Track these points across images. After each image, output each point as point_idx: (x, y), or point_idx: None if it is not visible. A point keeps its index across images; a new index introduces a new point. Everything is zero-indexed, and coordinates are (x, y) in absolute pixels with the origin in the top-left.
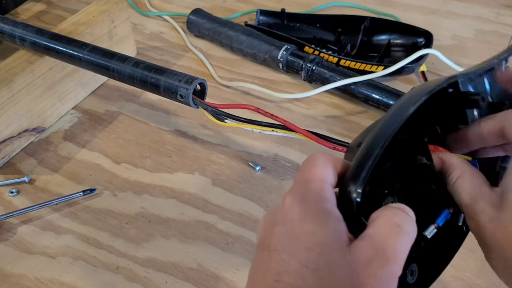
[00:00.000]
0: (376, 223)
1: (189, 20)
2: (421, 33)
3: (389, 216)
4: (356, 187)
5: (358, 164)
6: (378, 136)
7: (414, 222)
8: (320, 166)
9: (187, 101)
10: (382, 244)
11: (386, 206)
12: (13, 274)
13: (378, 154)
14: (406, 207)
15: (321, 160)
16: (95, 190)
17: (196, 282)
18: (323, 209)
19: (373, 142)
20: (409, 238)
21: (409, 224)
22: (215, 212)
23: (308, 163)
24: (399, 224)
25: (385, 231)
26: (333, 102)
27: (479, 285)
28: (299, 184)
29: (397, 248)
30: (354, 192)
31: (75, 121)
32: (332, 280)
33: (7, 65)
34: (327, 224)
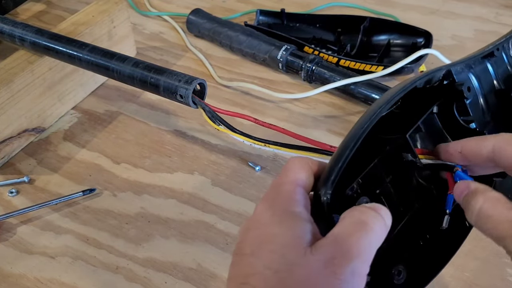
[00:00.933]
0: (342, 222)
1: (189, 20)
2: (420, 33)
3: (355, 215)
4: (326, 189)
5: (329, 166)
6: (349, 138)
7: (385, 220)
8: (294, 169)
9: (186, 101)
10: (345, 242)
11: (357, 206)
12: (12, 274)
13: (348, 156)
14: (379, 206)
15: (296, 164)
16: (95, 190)
17: (196, 282)
18: (289, 211)
19: (344, 144)
20: (376, 236)
21: (376, 222)
22: (214, 212)
23: (284, 168)
24: (364, 221)
25: (350, 229)
26: (332, 102)
27: (479, 285)
28: (272, 188)
29: (361, 245)
30: (323, 195)
31: (75, 121)
32: (293, 281)
33: (6, 65)
34: (290, 225)
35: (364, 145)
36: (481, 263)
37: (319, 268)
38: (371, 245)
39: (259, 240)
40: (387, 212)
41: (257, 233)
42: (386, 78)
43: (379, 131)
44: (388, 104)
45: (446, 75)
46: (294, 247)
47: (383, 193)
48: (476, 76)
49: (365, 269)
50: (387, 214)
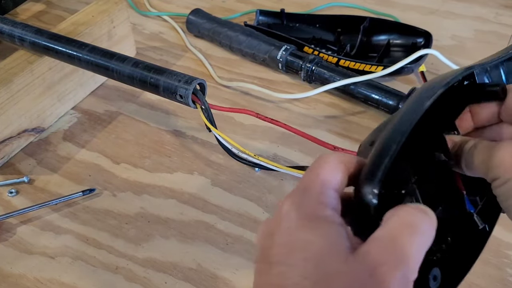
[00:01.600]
0: (387, 224)
1: (189, 20)
2: (420, 33)
3: (402, 216)
4: (372, 188)
5: (373, 162)
6: (394, 133)
7: (433, 222)
8: (325, 168)
9: (186, 101)
10: (393, 246)
11: (401, 205)
12: (12, 274)
13: (395, 151)
14: (425, 206)
15: (328, 162)
16: (95, 190)
17: (196, 282)
18: (319, 215)
19: (389, 138)
20: (425, 239)
21: (425, 224)
22: (214, 212)
23: (313, 165)
24: (413, 223)
25: (396, 232)
26: (332, 102)
27: (478, 285)
28: (299, 189)
29: (411, 249)
30: (369, 194)
31: (75, 121)
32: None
33: (6, 65)
34: (323, 231)
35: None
36: (481, 263)
37: (364, 276)
38: (422, 249)
39: (289, 247)
40: (432, 212)
41: (285, 239)
42: (386, 78)
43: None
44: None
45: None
46: (333, 255)
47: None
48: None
49: (414, 275)
50: (433, 215)
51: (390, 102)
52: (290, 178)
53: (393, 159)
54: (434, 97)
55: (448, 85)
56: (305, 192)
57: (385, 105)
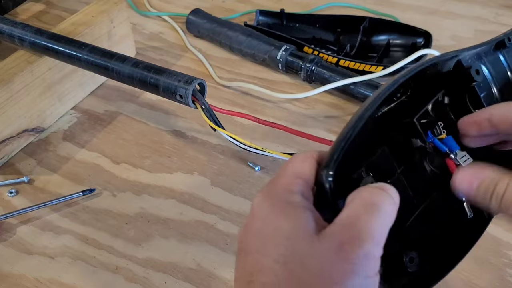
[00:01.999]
0: (350, 205)
1: (189, 20)
2: (420, 33)
3: (363, 196)
4: (327, 170)
5: (331, 148)
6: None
7: (394, 200)
8: (294, 162)
9: (186, 101)
10: (354, 225)
11: (363, 186)
12: (12, 274)
13: (351, 136)
14: (387, 185)
15: (297, 157)
16: (94, 190)
17: (196, 282)
18: (287, 201)
19: (347, 125)
20: (387, 216)
21: (387, 202)
22: (214, 212)
23: (285, 163)
24: (373, 202)
25: (358, 211)
26: (332, 102)
27: (478, 285)
28: (269, 182)
29: (373, 227)
30: (325, 176)
31: (74, 121)
32: (304, 272)
33: (6, 65)
34: (291, 215)
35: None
36: (481, 263)
37: (330, 255)
38: (383, 226)
39: (262, 235)
40: (394, 190)
41: (258, 228)
42: (386, 78)
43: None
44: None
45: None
46: (300, 237)
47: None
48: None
49: (378, 252)
50: (395, 193)
51: None
52: None
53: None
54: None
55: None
56: (275, 183)
57: None
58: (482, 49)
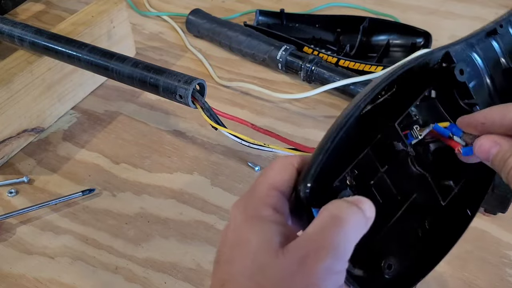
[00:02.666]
0: (316, 220)
1: (188, 20)
2: (420, 34)
3: (330, 210)
4: (304, 183)
5: (310, 159)
6: (331, 129)
7: (364, 213)
8: (274, 170)
9: (186, 101)
10: (317, 239)
11: (335, 200)
12: (12, 274)
13: (329, 148)
14: (360, 199)
15: (277, 164)
16: (94, 190)
17: (195, 282)
18: (258, 215)
19: (325, 135)
20: (352, 230)
21: (352, 215)
22: (214, 212)
23: (266, 168)
24: (338, 215)
25: (323, 225)
26: (332, 102)
27: (478, 285)
28: (247, 193)
29: (334, 241)
30: (302, 190)
31: (74, 121)
32: (268, 285)
33: (6, 65)
34: (259, 229)
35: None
36: (481, 263)
37: (292, 268)
38: (346, 241)
39: (232, 246)
40: (369, 204)
41: (230, 239)
42: None
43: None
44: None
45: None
46: (265, 251)
47: (377, 183)
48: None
49: (341, 266)
50: (369, 207)
51: None
52: None
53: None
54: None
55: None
56: (252, 194)
57: None
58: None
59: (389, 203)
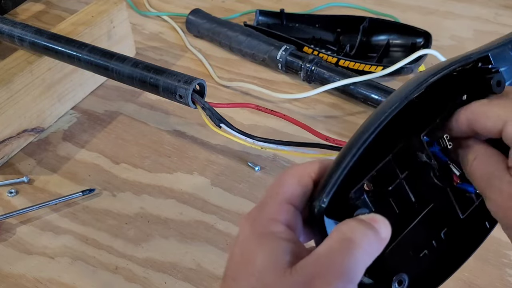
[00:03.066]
0: (328, 239)
1: (188, 20)
2: (420, 34)
3: (343, 231)
4: (319, 200)
5: (328, 171)
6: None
7: (379, 235)
8: (285, 183)
9: (186, 101)
10: (329, 261)
11: (350, 219)
12: (12, 274)
13: (350, 163)
14: (376, 218)
15: (291, 175)
16: (94, 190)
17: (195, 282)
18: (269, 232)
19: (347, 147)
20: (364, 254)
21: (365, 238)
22: (214, 212)
23: (277, 178)
24: (350, 238)
25: (335, 247)
26: (332, 102)
27: (478, 285)
28: (257, 205)
29: (346, 265)
30: (316, 209)
31: (74, 121)
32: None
33: (6, 65)
34: (268, 247)
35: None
36: (481, 263)
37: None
38: (357, 265)
39: (239, 261)
40: (384, 224)
41: (237, 255)
42: (386, 78)
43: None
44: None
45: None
46: (271, 270)
47: (395, 190)
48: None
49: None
50: (384, 227)
51: None
52: None
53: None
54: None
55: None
56: (261, 208)
57: None
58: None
59: (405, 211)
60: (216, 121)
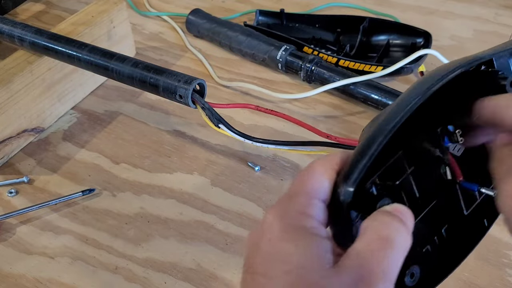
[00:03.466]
0: (364, 237)
1: (188, 20)
2: (420, 34)
3: (378, 228)
4: (347, 187)
5: (352, 160)
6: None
7: (408, 228)
8: (314, 176)
9: (186, 101)
10: (369, 263)
11: (378, 212)
12: (12, 274)
13: (376, 151)
14: (401, 210)
15: (317, 169)
16: (94, 190)
17: (195, 282)
18: (303, 227)
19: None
20: (401, 251)
21: (401, 235)
22: (214, 212)
23: (301, 173)
24: (388, 237)
25: (372, 247)
26: (332, 102)
27: (478, 285)
28: (284, 198)
29: (386, 265)
30: (343, 194)
31: (74, 121)
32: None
33: (6, 65)
34: (306, 243)
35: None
36: (481, 263)
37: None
38: (397, 263)
39: (272, 258)
40: (409, 215)
41: (268, 250)
42: (386, 78)
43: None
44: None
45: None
46: (314, 269)
47: (403, 184)
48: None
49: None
50: (410, 218)
51: (389, 102)
52: (290, 178)
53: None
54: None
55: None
56: (290, 202)
57: (384, 105)
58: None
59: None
60: (215, 121)
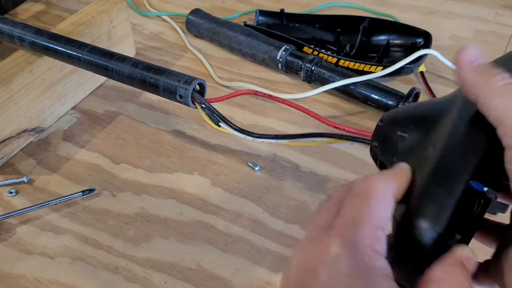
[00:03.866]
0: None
1: (188, 20)
2: (420, 34)
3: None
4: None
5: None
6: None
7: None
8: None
9: (186, 101)
10: None
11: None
12: (12, 274)
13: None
14: (470, 254)
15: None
16: (94, 190)
17: (195, 282)
18: (374, 267)
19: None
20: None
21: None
22: (214, 212)
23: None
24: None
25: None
26: (332, 102)
27: None
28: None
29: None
30: (425, 236)
31: (74, 121)
32: None
33: (6, 65)
34: (376, 286)
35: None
36: None
37: None
38: None
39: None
40: (473, 260)
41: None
42: (386, 79)
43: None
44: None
45: None
46: None
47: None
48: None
49: None
50: (473, 262)
51: (389, 102)
52: (289, 178)
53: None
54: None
55: None
56: (357, 232)
57: (384, 105)
58: None
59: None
60: (215, 120)
